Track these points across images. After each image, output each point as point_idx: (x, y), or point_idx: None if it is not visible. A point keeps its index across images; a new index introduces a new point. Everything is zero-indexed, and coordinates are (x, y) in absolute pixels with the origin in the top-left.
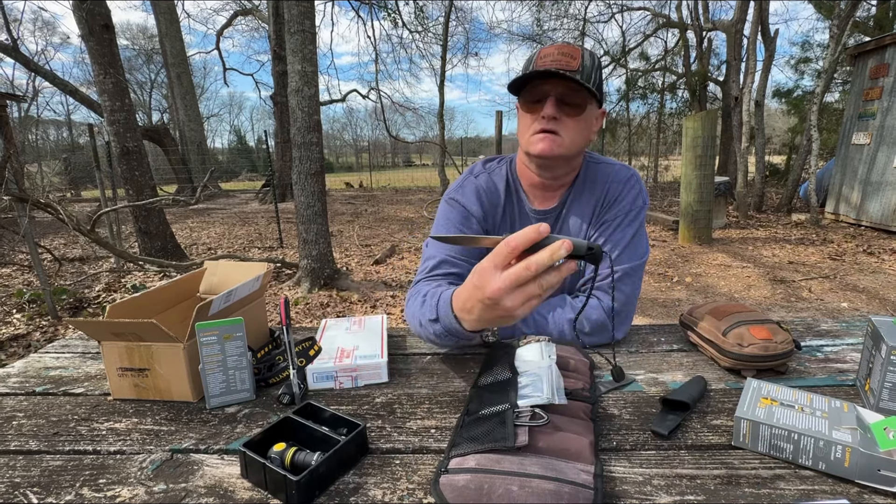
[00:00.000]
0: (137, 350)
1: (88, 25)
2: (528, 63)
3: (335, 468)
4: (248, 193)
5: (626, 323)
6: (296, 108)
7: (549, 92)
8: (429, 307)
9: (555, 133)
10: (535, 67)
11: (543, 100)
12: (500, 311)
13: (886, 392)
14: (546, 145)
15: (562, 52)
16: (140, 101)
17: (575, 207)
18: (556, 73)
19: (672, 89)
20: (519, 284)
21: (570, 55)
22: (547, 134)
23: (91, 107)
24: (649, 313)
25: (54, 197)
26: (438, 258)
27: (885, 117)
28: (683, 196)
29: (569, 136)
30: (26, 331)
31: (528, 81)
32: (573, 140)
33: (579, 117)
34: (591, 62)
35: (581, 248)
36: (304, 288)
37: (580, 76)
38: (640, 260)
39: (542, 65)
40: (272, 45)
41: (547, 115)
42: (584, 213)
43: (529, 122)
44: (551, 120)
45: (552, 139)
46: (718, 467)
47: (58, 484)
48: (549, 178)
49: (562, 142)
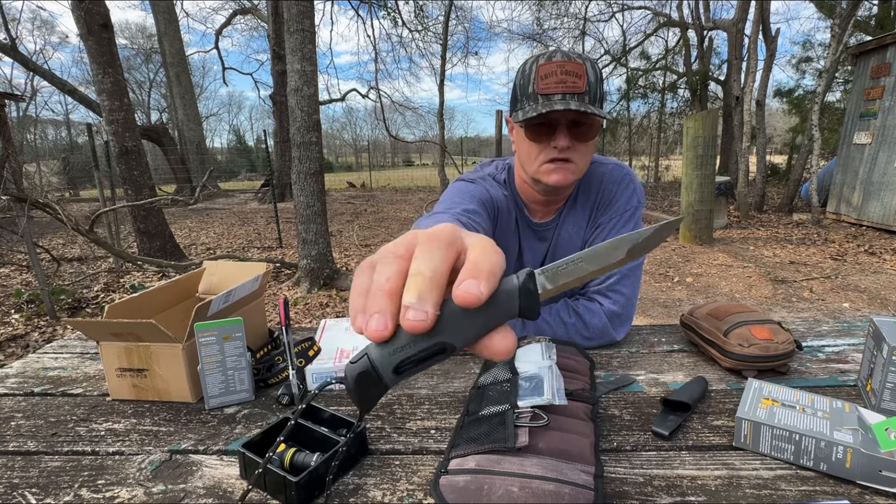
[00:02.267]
0: (136, 350)
1: (87, 24)
2: (525, 81)
3: (335, 469)
4: (248, 193)
5: (627, 324)
6: (295, 108)
7: (558, 119)
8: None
9: (568, 160)
10: (537, 90)
11: (551, 125)
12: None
13: (888, 392)
14: (561, 176)
15: (565, 70)
16: (139, 101)
17: (570, 217)
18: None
19: (673, 89)
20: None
21: (575, 73)
22: (560, 163)
23: (90, 106)
24: (650, 313)
25: (53, 197)
26: (439, 213)
27: (886, 117)
28: (684, 196)
29: (581, 160)
30: (25, 331)
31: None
32: (585, 163)
33: (591, 141)
34: (594, 76)
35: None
36: (304, 288)
37: (588, 97)
38: (638, 261)
39: (545, 88)
40: (271, 44)
41: (560, 146)
42: (578, 219)
43: (537, 150)
44: (564, 150)
45: (566, 168)
46: (719, 468)
47: (56, 485)
48: (552, 196)
49: (575, 168)
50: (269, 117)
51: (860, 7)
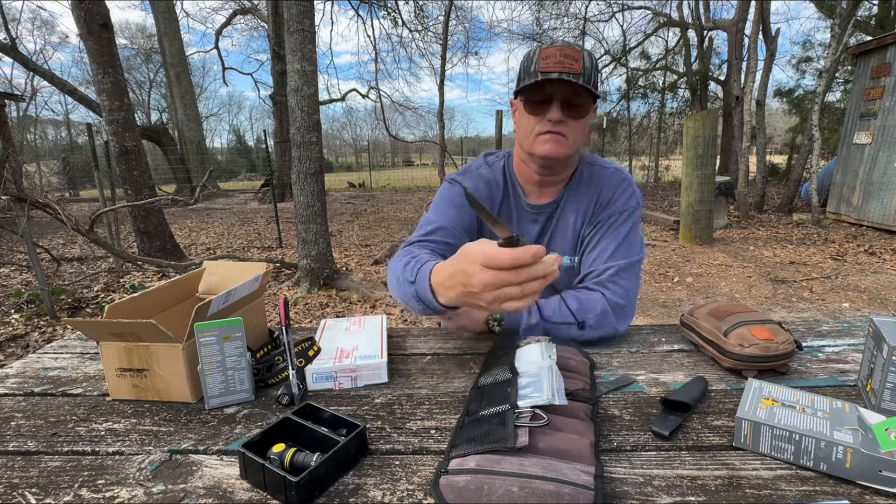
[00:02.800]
0: (136, 350)
1: (87, 24)
2: (528, 62)
3: (335, 469)
4: (248, 193)
5: (629, 317)
6: (295, 108)
7: (554, 94)
8: (410, 269)
9: (560, 134)
10: (538, 69)
11: (547, 101)
12: (476, 301)
13: (888, 393)
14: (552, 146)
15: (564, 53)
16: (139, 101)
17: (570, 206)
18: (564, 80)
19: (673, 89)
20: (503, 285)
21: (572, 57)
22: (553, 135)
23: (90, 106)
24: (650, 313)
25: (53, 197)
26: (437, 224)
27: (886, 117)
28: (684, 196)
29: (573, 137)
30: (25, 331)
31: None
32: (576, 140)
33: (582, 119)
34: (590, 63)
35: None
36: (304, 288)
37: (583, 78)
38: (637, 256)
39: (545, 66)
40: (271, 44)
41: (554, 118)
42: (578, 211)
43: (533, 123)
44: (557, 123)
45: (558, 140)
46: (719, 468)
47: (56, 485)
48: (548, 176)
49: (566, 142)
50: (269, 117)
51: (860, 7)
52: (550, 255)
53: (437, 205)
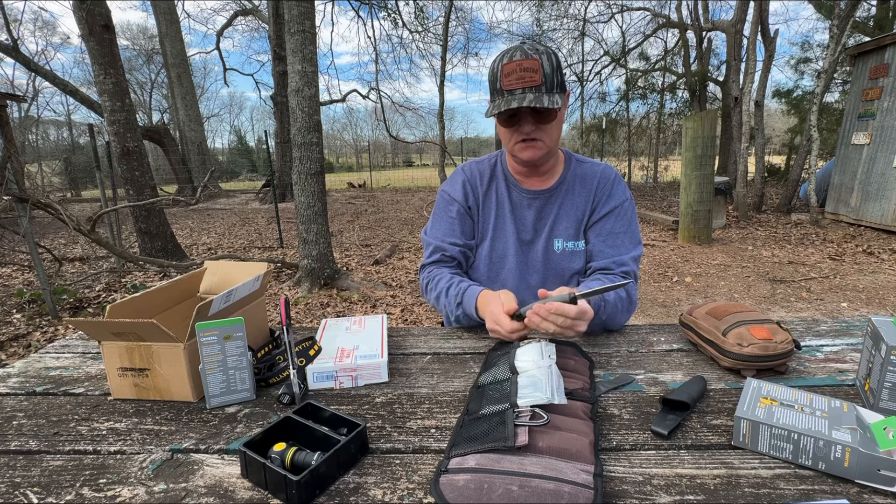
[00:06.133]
0: (138, 350)
1: (88, 25)
2: (493, 77)
3: (335, 468)
4: (249, 193)
5: (633, 307)
6: (296, 109)
7: (521, 110)
8: (453, 295)
9: (536, 139)
10: (503, 87)
11: (517, 115)
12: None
13: (886, 392)
14: (532, 153)
15: (523, 67)
16: (140, 102)
17: (569, 197)
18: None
19: (672, 89)
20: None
21: (531, 69)
22: (529, 142)
23: (91, 107)
24: (649, 313)
25: (54, 197)
26: (434, 245)
27: (884, 117)
28: (683, 196)
29: (549, 138)
30: (26, 331)
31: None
32: (553, 139)
33: (554, 120)
34: (550, 66)
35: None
36: (304, 288)
37: (545, 87)
38: (641, 245)
39: (508, 84)
40: (272, 45)
41: (526, 131)
42: (576, 203)
43: (509, 134)
44: (530, 132)
45: (535, 146)
46: (718, 467)
47: (58, 484)
48: (534, 168)
49: (543, 145)
50: (270, 118)
51: (858, 8)
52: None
53: (433, 219)
